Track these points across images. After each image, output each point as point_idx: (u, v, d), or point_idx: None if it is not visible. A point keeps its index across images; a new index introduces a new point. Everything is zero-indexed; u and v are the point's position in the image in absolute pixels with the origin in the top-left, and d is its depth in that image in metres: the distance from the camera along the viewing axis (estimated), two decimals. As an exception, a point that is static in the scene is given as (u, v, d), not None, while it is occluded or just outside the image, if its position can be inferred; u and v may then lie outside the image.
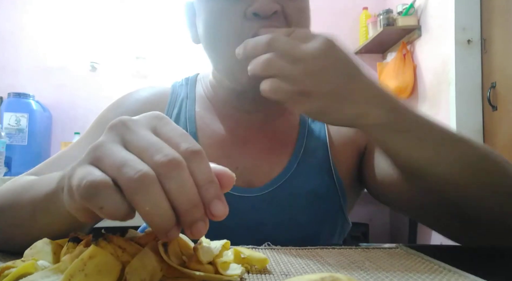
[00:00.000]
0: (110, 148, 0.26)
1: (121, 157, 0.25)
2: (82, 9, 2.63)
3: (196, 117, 0.63)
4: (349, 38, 2.80)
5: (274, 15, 0.50)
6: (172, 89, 0.67)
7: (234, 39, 0.51)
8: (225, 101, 0.63)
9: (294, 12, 0.53)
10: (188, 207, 0.25)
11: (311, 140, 0.63)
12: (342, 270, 0.35)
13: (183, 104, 0.65)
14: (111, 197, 0.24)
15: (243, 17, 0.51)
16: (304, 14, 0.55)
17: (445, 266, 0.36)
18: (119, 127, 0.27)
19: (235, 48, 0.47)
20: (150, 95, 0.66)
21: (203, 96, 0.66)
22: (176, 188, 0.24)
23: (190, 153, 0.26)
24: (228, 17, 0.52)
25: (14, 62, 2.56)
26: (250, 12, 0.50)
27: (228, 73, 0.57)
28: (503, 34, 1.86)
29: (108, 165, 0.25)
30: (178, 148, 0.26)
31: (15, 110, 2.27)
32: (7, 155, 2.06)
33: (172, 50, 2.63)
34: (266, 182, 0.58)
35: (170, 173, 0.24)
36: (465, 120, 1.99)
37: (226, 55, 0.53)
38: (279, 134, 0.63)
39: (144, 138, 0.26)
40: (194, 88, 0.67)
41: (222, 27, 0.53)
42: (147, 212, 0.24)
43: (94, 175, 0.24)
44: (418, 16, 2.38)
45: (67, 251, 0.30)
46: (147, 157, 0.25)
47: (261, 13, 0.50)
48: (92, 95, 2.58)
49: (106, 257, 0.25)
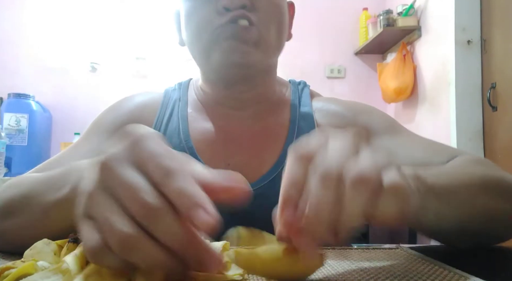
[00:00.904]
0: (97, 203, 0.25)
1: (105, 218, 0.24)
2: (82, 10, 2.63)
3: (188, 117, 0.65)
4: (349, 39, 2.81)
5: (245, 9, 0.56)
6: (164, 93, 0.70)
7: (207, 29, 0.57)
8: (214, 100, 0.66)
9: (265, 6, 0.58)
10: (184, 246, 0.24)
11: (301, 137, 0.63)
12: (342, 270, 0.35)
13: (175, 106, 0.67)
14: (110, 258, 0.24)
15: (215, 13, 0.57)
16: (276, 7, 0.60)
17: (445, 267, 0.36)
18: (104, 172, 0.26)
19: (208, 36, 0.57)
20: (144, 99, 0.68)
21: (195, 99, 0.68)
22: (164, 235, 0.24)
23: (162, 177, 0.25)
24: (203, 12, 0.58)
25: (14, 62, 2.56)
26: (221, 6, 0.56)
27: (204, 61, 0.61)
28: (503, 34, 1.86)
29: (100, 223, 0.24)
30: (155, 178, 0.25)
31: (15, 110, 2.27)
32: (7, 156, 2.06)
33: (172, 51, 2.63)
34: (257, 178, 0.59)
35: (153, 223, 0.24)
36: (465, 121, 1.99)
37: (201, 43, 0.59)
38: (269, 131, 0.64)
39: (123, 186, 0.25)
40: (187, 92, 0.70)
41: (197, 22, 0.59)
42: (148, 268, 0.24)
43: (92, 242, 0.24)
44: (418, 16, 2.38)
45: (67, 251, 0.30)
46: (129, 208, 0.24)
47: (231, 7, 0.55)
48: (92, 95, 2.58)
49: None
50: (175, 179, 0.24)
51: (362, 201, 0.26)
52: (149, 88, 2.49)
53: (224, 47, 0.57)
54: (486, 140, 1.97)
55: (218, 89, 0.64)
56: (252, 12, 0.56)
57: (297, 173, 0.28)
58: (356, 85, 2.80)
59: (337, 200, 0.26)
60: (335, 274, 0.34)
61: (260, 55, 0.58)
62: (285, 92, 0.69)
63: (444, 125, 2.10)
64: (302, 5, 2.47)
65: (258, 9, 0.57)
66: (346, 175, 0.27)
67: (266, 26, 0.58)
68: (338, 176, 0.27)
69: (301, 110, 0.66)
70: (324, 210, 0.26)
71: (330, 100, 0.69)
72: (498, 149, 1.88)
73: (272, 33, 0.59)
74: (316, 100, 0.69)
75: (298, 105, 0.67)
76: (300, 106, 0.67)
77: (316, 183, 0.27)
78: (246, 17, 0.56)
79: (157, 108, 0.67)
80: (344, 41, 2.81)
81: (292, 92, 0.69)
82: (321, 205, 0.26)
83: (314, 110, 0.66)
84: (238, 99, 0.64)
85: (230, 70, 0.59)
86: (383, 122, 0.64)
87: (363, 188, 0.26)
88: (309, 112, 0.65)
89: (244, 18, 0.56)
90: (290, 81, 0.72)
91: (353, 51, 2.81)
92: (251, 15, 0.56)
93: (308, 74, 2.67)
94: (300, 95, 0.69)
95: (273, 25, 0.59)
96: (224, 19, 0.56)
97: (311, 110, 0.66)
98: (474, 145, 1.98)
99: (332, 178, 0.27)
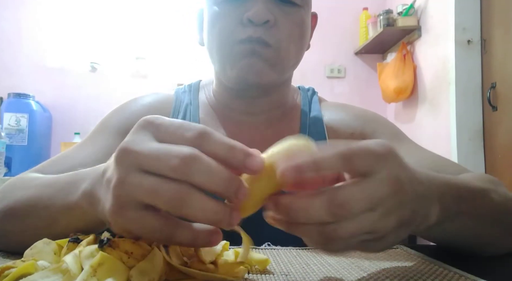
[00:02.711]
0: (133, 184, 0.26)
1: (149, 188, 0.26)
2: (82, 10, 2.63)
3: (200, 123, 0.64)
4: (349, 39, 2.81)
5: (267, 24, 0.55)
6: (175, 95, 0.69)
7: (228, 40, 0.57)
8: (227, 105, 0.65)
9: (287, 25, 0.57)
10: (225, 187, 0.26)
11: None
12: (342, 270, 0.35)
13: (187, 110, 0.66)
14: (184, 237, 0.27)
15: (239, 22, 0.56)
16: (298, 28, 0.59)
17: (445, 267, 0.36)
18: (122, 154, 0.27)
19: (228, 49, 0.56)
20: (154, 101, 0.68)
21: (206, 103, 0.68)
22: (205, 179, 0.25)
23: (197, 138, 0.27)
24: (227, 20, 0.57)
25: (14, 62, 2.56)
26: (246, 18, 0.55)
27: (221, 70, 0.61)
28: (503, 34, 1.86)
29: (147, 195, 0.26)
30: (184, 140, 0.27)
31: (15, 110, 2.27)
32: (7, 156, 2.06)
33: (172, 51, 2.63)
34: None
35: (191, 170, 0.25)
36: (465, 121, 1.99)
37: (220, 53, 0.59)
38: (280, 137, 0.63)
39: (151, 151, 0.26)
40: (197, 95, 0.69)
41: (220, 29, 0.58)
42: (199, 220, 0.26)
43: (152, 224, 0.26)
44: (418, 16, 2.38)
45: (67, 251, 0.30)
46: (163, 167, 0.25)
47: (255, 20, 0.55)
48: (92, 95, 2.58)
49: (114, 263, 0.26)
50: (209, 138, 0.27)
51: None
52: (149, 88, 2.50)
53: (241, 65, 0.56)
54: (486, 140, 1.97)
55: (232, 96, 0.64)
56: (273, 28, 0.56)
57: (331, 164, 0.27)
58: (356, 85, 2.80)
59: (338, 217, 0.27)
60: (335, 274, 0.34)
61: (275, 75, 0.58)
62: (296, 98, 0.70)
63: (444, 125, 2.10)
64: (302, 5, 2.46)
65: (280, 26, 0.56)
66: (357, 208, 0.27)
67: (285, 46, 0.57)
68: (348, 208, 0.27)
69: (311, 115, 0.66)
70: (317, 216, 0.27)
71: (339, 106, 0.70)
72: (498, 149, 1.88)
73: (290, 52, 0.59)
74: (324, 106, 0.69)
75: (308, 111, 0.67)
76: (310, 111, 0.67)
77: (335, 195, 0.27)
78: (263, 41, 0.55)
79: (169, 111, 0.66)
80: (344, 41, 2.81)
81: (302, 98, 0.69)
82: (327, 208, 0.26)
83: (323, 116, 0.67)
84: (251, 105, 0.64)
85: (245, 87, 0.60)
86: (390, 131, 0.65)
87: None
88: (319, 118, 0.66)
89: (261, 43, 0.55)
90: (299, 87, 0.73)
91: (353, 51, 2.81)
92: (271, 34, 0.56)
93: (308, 74, 2.67)
94: (310, 101, 0.69)
95: (292, 44, 0.59)
96: (245, 34, 0.55)
97: (321, 116, 0.66)
98: (474, 145, 1.98)
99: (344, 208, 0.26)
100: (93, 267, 0.25)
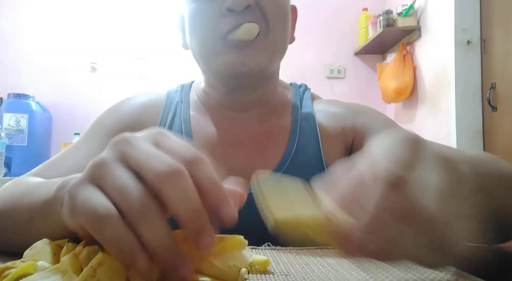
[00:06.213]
0: (110, 167, 0.25)
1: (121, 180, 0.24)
2: (82, 10, 2.64)
3: (190, 120, 0.65)
4: (349, 39, 2.81)
5: (248, 9, 0.55)
6: (167, 95, 0.70)
7: (211, 36, 0.57)
8: (218, 102, 0.66)
9: (270, 5, 0.57)
10: (190, 216, 0.24)
11: (303, 138, 0.64)
12: (342, 270, 0.35)
13: (177, 108, 0.67)
14: (114, 230, 0.23)
15: (219, 14, 0.56)
16: (281, 8, 0.59)
17: (445, 267, 0.36)
18: (120, 143, 0.27)
19: (212, 44, 0.55)
20: (146, 100, 0.68)
21: (197, 101, 0.68)
22: (176, 198, 0.24)
23: (193, 161, 0.26)
24: (207, 15, 0.57)
25: (14, 62, 2.56)
26: (225, 8, 0.55)
27: (207, 68, 0.61)
28: (503, 34, 1.87)
29: (110, 187, 0.25)
30: (181, 157, 0.26)
31: (15, 110, 2.27)
32: (7, 156, 2.06)
33: (172, 51, 2.63)
34: None
35: (171, 182, 0.24)
36: (465, 121, 1.99)
37: (204, 50, 0.59)
38: (271, 133, 0.64)
39: (145, 151, 0.26)
40: (189, 94, 0.70)
41: (201, 25, 0.58)
42: (152, 238, 0.23)
43: (97, 203, 0.24)
44: (418, 17, 2.39)
45: (67, 251, 0.30)
46: (148, 169, 0.25)
47: (235, 8, 0.54)
48: (92, 95, 2.58)
49: (114, 263, 0.26)
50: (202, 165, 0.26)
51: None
52: (149, 88, 2.50)
53: (225, 60, 0.57)
54: (486, 140, 1.97)
55: (221, 92, 0.65)
56: (256, 11, 0.56)
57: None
58: (356, 85, 2.80)
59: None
60: (335, 274, 0.34)
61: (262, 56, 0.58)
62: (287, 94, 0.70)
63: (444, 125, 2.10)
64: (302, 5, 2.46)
65: (262, 9, 0.56)
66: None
67: (271, 25, 0.57)
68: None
69: (302, 111, 0.66)
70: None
71: (330, 101, 0.70)
72: (498, 149, 1.88)
73: (277, 33, 0.59)
74: (316, 102, 0.69)
75: (299, 106, 0.67)
76: (302, 107, 0.67)
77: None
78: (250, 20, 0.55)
79: (160, 110, 0.66)
80: (344, 41, 2.81)
81: (293, 94, 0.70)
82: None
83: (315, 112, 0.66)
84: (241, 102, 0.64)
85: (232, 79, 0.60)
86: (382, 122, 0.64)
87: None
88: (310, 113, 0.66)
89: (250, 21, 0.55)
90: (291, 83, 0.73)
91: (353, 51, 2.81)
92: (255, 17, 0.56)
93: (308, 74, 2.67)
94: (301, 97, 0.69)
95: (277, 26, 0.59)
96: (228, 24, 0.55)
97: (312, 112, 0.66)
98: (474, 145, 1.98)
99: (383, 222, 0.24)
100: (93, 267, 0.25)
